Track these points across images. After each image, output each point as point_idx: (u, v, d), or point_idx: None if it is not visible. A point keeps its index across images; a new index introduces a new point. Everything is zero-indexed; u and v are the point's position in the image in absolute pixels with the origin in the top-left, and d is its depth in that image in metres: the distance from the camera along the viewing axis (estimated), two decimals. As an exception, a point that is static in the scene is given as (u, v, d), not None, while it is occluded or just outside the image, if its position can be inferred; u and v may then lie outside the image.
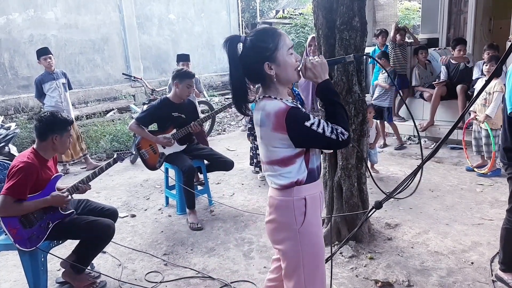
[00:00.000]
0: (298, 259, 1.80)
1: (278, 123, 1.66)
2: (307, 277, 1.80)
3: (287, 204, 1.77)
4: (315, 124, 1.65)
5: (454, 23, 8.15)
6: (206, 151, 4.43)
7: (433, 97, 6.44)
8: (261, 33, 1.75)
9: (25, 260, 2.79)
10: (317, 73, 1.74)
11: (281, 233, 1.82)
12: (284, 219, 1.79)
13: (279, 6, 18.59)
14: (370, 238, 3.46)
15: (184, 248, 3.59)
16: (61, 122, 2.84)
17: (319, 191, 1.85)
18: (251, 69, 1.74)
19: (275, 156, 1.75)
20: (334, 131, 1.67)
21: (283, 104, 1.68)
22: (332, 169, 3.44)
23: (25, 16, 8.68)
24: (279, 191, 1.79)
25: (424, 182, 4.78)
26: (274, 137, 1.70)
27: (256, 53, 1.71)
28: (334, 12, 3.12)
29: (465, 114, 2.08)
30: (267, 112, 1.69)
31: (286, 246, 1.81)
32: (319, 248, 1.83)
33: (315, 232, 1.81)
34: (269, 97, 1.75)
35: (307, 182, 1.77)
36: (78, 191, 2.96)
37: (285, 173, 1.75)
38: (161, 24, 11.47)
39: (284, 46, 1.72)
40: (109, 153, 6.91)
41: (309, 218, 1.78)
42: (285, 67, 1.73)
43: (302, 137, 1.68)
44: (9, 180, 2.65)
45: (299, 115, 1.67)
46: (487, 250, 3.25)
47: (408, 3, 17.14)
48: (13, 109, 8.42)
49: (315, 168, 1.81)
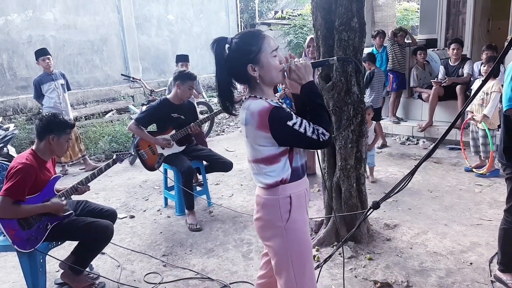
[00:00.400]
0: (286, 255, 1.85)
1: (261, 122, 1.71)
2: (296, 272, 1.85)
3: (273, 203, 1.83)
4: (297, 124, 1.71)
5: (453, 24, 8.17)
6: (205, 152, 4.43)
7: (431, 97, 6.45)
8: (246, 35, 1.80)
9: (24, 262, 2.78)
10: (301, 75, 1.79)
11: (268, 231, 1.89)
12: (270, 217, 1.85)
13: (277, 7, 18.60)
14: (369, 238, 3.46)
15: (183, 249, 3.59)
16: (61, 124, 2.84)
17: (304, 189, 1.91)
18: (236, 71, 1.80)
19: (260, 155, 1.80)
20: (315, 132, 1.73)
21: (266, 104, 1.73)
22: (331, 169, 3.44)
23: (23, 17, 8.68)
24: (265, 189, 1.85)
25: (423, 183, 4.82)
26: (258, 135, 1.75)
27: (240, 55, 1.76)
28: (332, 13, 3.13)
29: (462, 114, 2.08)
30: (251, 111, 1.74)
31: (274, 243, 1.87)
32: (305, 244, 1.88)
33: (300, 229, 1.86)
34: (254, 97, 1.80)
35: (291, 181, 1.83)
36: (77, 192, 2.97)
37: (270, 171, 1.81)
38: (160, 24, 11.47)
39: (267, 48, 1.76)
40: (108, 154, 6.90)
41: (294, 216, 1.84)
42: (268, 69, 1.77)
43: (284, 136, 1.73)
44: (8, 181, 2.65)
45: (282, 114, 1.72)
46: (486, 251, 3.26)
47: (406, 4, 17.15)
48: (12, 110, 8.41)
49: (299, 166, 1.86)
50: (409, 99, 7.25)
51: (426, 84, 6.90)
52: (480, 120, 4.85)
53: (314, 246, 3.40)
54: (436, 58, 7.33)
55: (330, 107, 3.25)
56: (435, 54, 7.41)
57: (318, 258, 3.22)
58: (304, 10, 15.26)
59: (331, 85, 3.19)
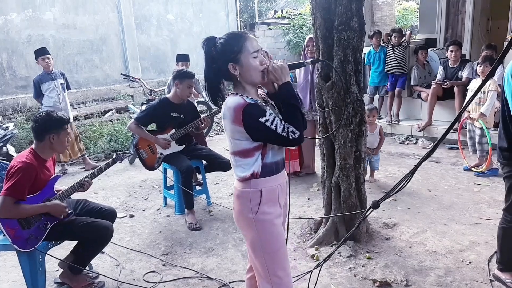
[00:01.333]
0: (258, 245, 1.98)
1: (236, 117, 1.82)
2: (267, 261, 1.98)
3: (245, 195, 1.96)
4: (269, 121, 1.82)
5: (452, 24, 8.17)
6: (205, 151, 4.44)
7: (429, 96, 6.46)
8: (229, 36, 1.92)
9: (23, 261, 2.79)
10: (277, 76, 1.89)
11: (241, 221, 2.03)
12: (242, 208, 1.99)
13: (277, 7, 18.60)
14: (368, 238, 3.47)
15: (183, 248, 3.59)
16: (57, 121, 2.84)
17: (278, 184, 2.00)
18: (220, 68, 1.91)
19: (236, 148, 1.92)
20: (285, 129, 1.83)
21: (242, 100, 1.84)
22: (330, 169, 3.45)
23: (23, 17, 8.68)
24: (240, 182, 1.98)
25: (422, 182, 4.83)
26: (234, 129, 1.86)
27: (223, 54, 1.88)
28: (332, 13, 3.13)
29: (462, 114, 2.09)
30: (228, 106, 1.85)
31: (246, 232, 2.02)
32: (275, 235, 1.99)
33: (270, 220, 1.97)
34: (235, 93, 1.92)
35: (263, 176, 1.94)
36: (83, 187, 2.97)
37: (244, 164, 1.93)
38: (160, 24, 11.47)
39: (248, 49, 1.87)
40: (108, 154, 6.90)
41: (264, 208, 1.95)
42: (247, 69, 1.88)
43: (256, 131, 1.84)
44: (8, 180, 2.65)
45: (255, 111, 1.83)
46: (485, 250, 3.26)
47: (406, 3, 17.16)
48: (11, 110, 8.42)
49: (273, 163, 1.97)
50: (408, 99, 7.25)
51: (425, 84, 6.91)
52: (477, 118, 4.86)
53: (313, 245, 3.41)
54: (436, 57, 7.33)
55: (330, 106, 3.25)
56: (435, 54, 7.41)
57: (317, 257, 3.23)
58: (303, 10, 15.26)
59: (330, 85, 3.20)
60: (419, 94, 6.97)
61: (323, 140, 3.45)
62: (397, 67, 6.94)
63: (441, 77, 6.46)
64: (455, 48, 6.21)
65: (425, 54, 6.95)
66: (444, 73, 6.46)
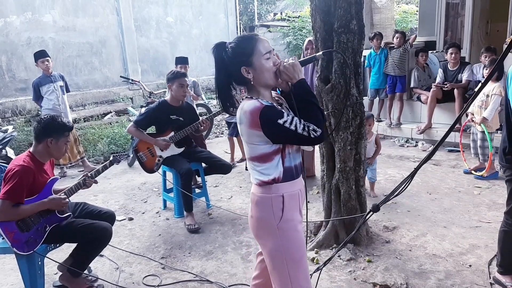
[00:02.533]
0: (280, 254, 1.89)
1: (253, 120, 1.77)
2: (290, 271, 1.88)
3: (266, 201, 1.88)
4: (287, 122, 1.76)
5: (452, 26, 8.18)
6: (204, 154, 4.43)
7: (429, 99, 6.46)
8: (240, 39, 1.89)
9: (22, 264, 2.78)
10: (290, 75, 1.84)
11: (261, 229, 1.94)
12: (263, 215, 1.90)
13: (277, 9, 18.64)
14: (368, 241, 3.46)
15: (182, 252, 3.58)
16: (59, 126, 2.83)
17: (299, 189, 1.95)
18: (233, 73, 1.87)
19: (254, 153, 1.87)
20: (306, 128, 1.77)
21: (258, 103, 1.79)
22: (330, 172, 3.44)
23: (22, 19, 8.68)
24: (259, 187, 1.90)
25: (422, 185, 4.82)
26: (252, 134, 1.81)
27: (234, 58, 1.84)
28: (331, 15, 3.13)
29: (462, 116, 2.08)
30: (244, 110, 1.80)
31: (267, 241, 1.92)
32: (299, 243, 1.92)
33: (293, 227, 1.91)
34: (250, 97, 1.87)
35: (284, 180, 1.88)
36: (85, 185, 2.97)
37: (263, 169, 1.86)
38: (159, 26, 11.48)
39: (261, 50, 1.83)
40: (107, 156, 6.89)
41: (287, 214, 1.88)
42: (261, 71, 1.84)
43: (276, 133, 1.79)
44: (6, 184, 2.64)
45: (272, 113, 1.78)
46: (485, 253, 3.25)
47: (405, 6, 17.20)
48: (11, 112, 8.41)
49: (292, 167, 1.91)
50: (408, 101, 7.25)
51: (425, 86, 6.91)
52: (479, 123, 4.84)
53: (313, 248, 3.40)
54: (435, 60, 7.34)
55: (329, 109, 3.25)
56: (434, 56, 7.42)
57: (317, 260, 3.22)
58: (303, 12, 15.30)
59: (330, 87, 3.20)
60: (419, 96, 6.97)
61: (323, 142, 3.45)
62: (394, 69, 6.95)
63: (440, 79, 6.46)
64: (455, 50, 6.21)
65: (425, 56, 6.95)
66: (443, 75, 6.45)
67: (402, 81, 6.99)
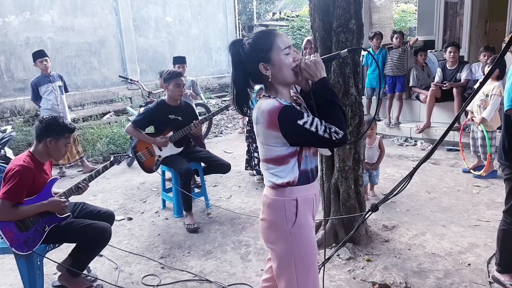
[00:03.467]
0: (290, 259, 1.81)
1: (271, 120, 1.69)
2: (299, 278, 1.82)
3: (279, 204, 1.80)
4: (308, 123, 1.67)
5: (450, 25, 8.18)
6: (203, 153, 4.43)
7: (428, 98, 6.46)
8: (258, 35, 1.80)
9: (21, 264, 2.77)
10: (312, 72, 1.75)
11: (272, 233, 1.85)
12: (276, 218, 1.82)
13: (275, 9, 18.64)
14: (367, 240, 3.46)
15: (181, 251, 3.58)
16: (60, 127, 2.83)
17: (313, 194, 1.87)
18: (250, 70, 1.79)
19: (270, 154, 1.78)
20: (328, 130, 1.68)
21: (277, 103, 1.70)
22: (329, 171, 3.44)
23: (21, 19, 8.67)
24: (273, 190, 1.82)
25: (421, 184, 4.82)
26: (269, 134, 1.73)
27: (252, 54, 1.76)
28: (330, 15, 3.13)
29: (460, 115, 2.09)
30: (262, 110, 1.72)
31: (278, 246, 1.84)
32: (310, 249, 1.84)
33: (306, 233, 1.83)
34: (268, 96, 1.78)
35: (299, 184, 1.80)
36: (79, 191, 2.95)
37: (278, 172, 1.78)
38: (158, 26, 11.47)
39: (279, 45, 1.74)
40: (106, 156, 6.89)
41: (300, 219, 1.80)
42: (280, 67, 1.75)
43: (295, 135, 1.70)
44: (6, 184, 2.64)
45: (292, 113, 1.69)
46: (484, 252, 3.26)
47: (404, 5, 17.20)
48: (9, 112, 8.40)
49: (309, 170, 1.83)
50: (407, 100, 7.26)
51: (424, 85, 6.91)
52: (478, 123, 4.84)
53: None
54: (434, 59, 7.34)
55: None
56: (433, 56, 7.42)
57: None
58: (302, 12, 15.30)
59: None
60: (418, 96, 6.98)
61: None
62: (393, 70, 6.95)
63: (439, 78, 6.47)
64: (453, 49, 6.21)
65: (424, 56, 6.97)
66: (442, 74, 6.46)
67: (401, 80, 7.00)
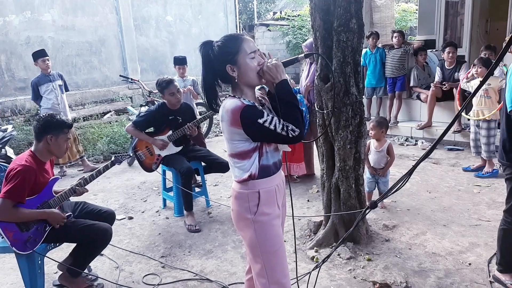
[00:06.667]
0: (256, 246, 1.98)
1: (234, 119, 1.83)
2: (265, 262, 1.98)
3: (243, 196, 1.97)
4: (267, 122, 1.82)
5: (451, 25, 8.17)
6: (202, 152, 4.43)
7: (429, 98, 6.46)
8: (226, 38, 1.93)
9: (22, 263, 2.78)
10: (273, 75, 1.89)
11: (239, 222, 2.03)
12: (240, 209, 1.99)
13: (276, 8, 18.63)
14: (368, 239, 3.46)
15: (182, 250, 3.58)
16: (58, 123, 2.84)
17: (275, 185, 2.02)
18: (218, 71, 1.93)
19: (234, 150, 1.93)
20: (285, 128, 1.83)
21: (239, 102, 1.85)
22: (329, 170, 3.44)
23: (21, 18, 8.67)
24: (238, 183, 1.99)
25: (421, 184, 4.82)
26: (232, 131, 1.87)
27: (220, 56, 1.89)
28: (331, 14, 3.13)
29: (460, 115, 2.08)
30: (226, 109, 1.85)
31: (245, 233, 2.02)
32: (273, 235, 1.99)
33: (268, 221, 1.98)
34: (233, 96, 1.93)
35: (260, 177, 1.95)
36: (76, 194, 2.96)
37: (241, 166, 1.94)
38: (158, 25, 11.47)
39: (245, 50, 1.88)
40: (106, 155, 6.89)
41: (263, 209, 1.96)
42: (245, 70, 1.89)
43: (255, 132, 1.85)
44: (7, 183, 2.64)
45: (253, 112, 1.83)
46: (485, 251, 3.26)
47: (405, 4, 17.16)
48: (10, 111, 8.41)
49: (271, 164, 1.98)
50: (407, 100, 7.26)
51: (424, 85, 6.91)
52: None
53: (313, 247, 3.40)
54: (435, 59, 7.34)
55: (329, 107, 3.25)
56: (434, 55, 7.42)
57: (317, 259, 3.22)
58: (302, 11, 15.27)
59: (329, 86, 3.19)
60: (418, 95, 6.98)
61: (323, 141, 3.45)
62: (393, 71, 6.95)
63: (439, 78, 6.46)
64: (451, 49, 6.21)
65: (424, 55, 6.97)
66: (441, 74, 6.46)
67: (402, 79, 7.00)
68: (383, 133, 4.14)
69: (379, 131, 4.11)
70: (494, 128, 4.85)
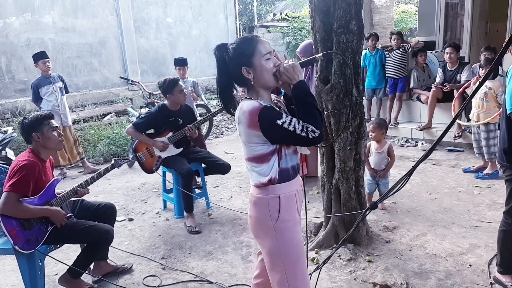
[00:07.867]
0: (277, 253, 1.92)
1: (252, 121, 1.79)
2: (287, 270, 1.91)
3: (263, 202, 1.91)
4: (286, 123, 1.78)
5: (451, 26, 8.18)
6: (203, 154, 4.44)
7: (429, 99, 6.46)
8: (241, 40, 1.91)
9: (23, 264, 2.78)
10: (290, 76, 1.85)
11: (259, 229, 1.97)
12: (260, 215, 1.93)
13: (276, 9, 18.66)
14: (368, 241, 3.46)
15: (182, 252, 3.58)
16: (35, 120, 2.86)
17: (295, 190, 1.97)
18: (233, 74, 1.90)
19: (252, 153, 1.89)
20: (305, 129, 1.79)
21: (257, 104, 1.81)
22: (330, 172, 3.44)
23: (22, 20, 8.68)
24: (257, 188, 1.93)
25: (421, 185, 4.82)
26: (250, 134, 1.83)
27: (235, 59, 1.87)
28: (331, 16, 3.13)
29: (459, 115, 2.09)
30: (243, 110, 1.82)
31: (265, 241, 1.95)
32: (295, 243, 1.93)
33: (290, 228, 1.92)
34: (249, 98, 1.89)
35: (280, 182, 1.90)
36: (77, 195, 2.97)
37: (260, 170, 1.89)
38: (159, 27, 11.48)
39: (261, 51, 1.85)
40: (107, 157, 6.89)
41: (284, 215, 1.90)
42: (261, 72, 1.86)
43: (274, 134, 1.81)
44: (12, 177, 2.66)
45: (271, 114, 1.80)
46: (485, 253, 3.26)
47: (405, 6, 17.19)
48: (10, 113, 8.41)
49: (289, 167, 1.93)
50: (408, 101, 7.26)
51: (425, 86, 6.91)
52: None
53: (313, 248, 3.40)
54: (435, 60, 7.34)
55: (329, 109, 3.25)
56: (434, 56, 7.42)
57: (317, 260, 3.22)
58: (302, 13, 15.30)
59: (329, 87, 3.20)
60: (418, 96, 6.98)
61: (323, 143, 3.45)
62: (395, 72, 6.96)
63: (440, 79, 6.46)
64: (451, 50, 6.20)
65: (424, 56, 6.97)
66: (443, 75, 6.46)
67: (402, 81, 7.01)
68: (383, 134, 4.15)
69: (379, 133, 4.11)
70: (493, 131, 4.86)
